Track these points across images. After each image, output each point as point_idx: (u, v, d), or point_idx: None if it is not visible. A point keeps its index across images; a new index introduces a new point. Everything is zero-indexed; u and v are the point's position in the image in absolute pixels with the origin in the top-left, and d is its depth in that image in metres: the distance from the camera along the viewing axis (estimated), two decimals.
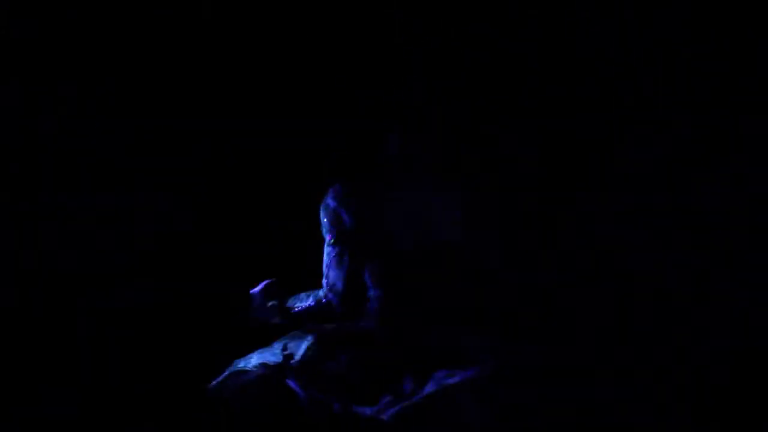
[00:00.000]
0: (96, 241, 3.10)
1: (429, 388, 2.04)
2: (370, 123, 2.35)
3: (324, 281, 2.28)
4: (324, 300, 2.29)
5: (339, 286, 2.24)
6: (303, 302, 2.34)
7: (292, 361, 2.20)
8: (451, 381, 2.04)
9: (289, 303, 2.38)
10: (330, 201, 2.25)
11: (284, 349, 2.26)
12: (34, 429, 2.77)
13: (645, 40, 2.98)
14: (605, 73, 3.01)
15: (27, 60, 3.01)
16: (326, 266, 2.27)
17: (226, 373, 2.23)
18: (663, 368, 2.67)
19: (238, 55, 3.17)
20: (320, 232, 2.29)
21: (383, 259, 2.24)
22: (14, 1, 2.99)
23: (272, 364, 2.20)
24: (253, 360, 2.24)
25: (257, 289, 2.43)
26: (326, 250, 2.27)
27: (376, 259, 2.24)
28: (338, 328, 2.29)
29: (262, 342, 2.36)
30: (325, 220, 2.25)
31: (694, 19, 2.92)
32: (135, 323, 3.05)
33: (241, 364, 2.24)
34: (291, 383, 2.11)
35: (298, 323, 2.36)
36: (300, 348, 2.25)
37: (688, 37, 2.93)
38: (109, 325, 3.04)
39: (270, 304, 2.40)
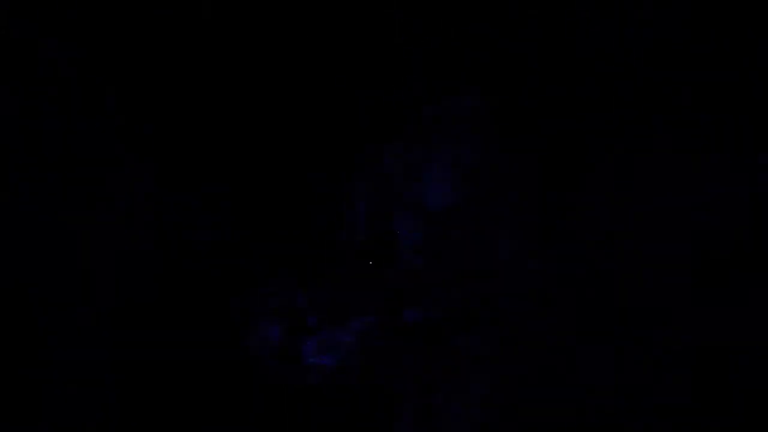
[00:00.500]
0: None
1: (355, 325, 2.27)
2: (370, 123, 2.38)
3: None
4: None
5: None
6: None
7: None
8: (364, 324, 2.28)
9: None
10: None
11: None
12: None
13: (645, 40, 2.99)
14: (605, 73, 3.02)
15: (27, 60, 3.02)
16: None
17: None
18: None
19: (238, 55, 3.17)
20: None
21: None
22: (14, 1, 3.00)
23: None
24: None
25: None
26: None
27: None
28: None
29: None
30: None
31: (694, 19, 2.93)
32: None
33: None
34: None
35: None
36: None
37: (688, 37, 2.94)
38: None
39: None
